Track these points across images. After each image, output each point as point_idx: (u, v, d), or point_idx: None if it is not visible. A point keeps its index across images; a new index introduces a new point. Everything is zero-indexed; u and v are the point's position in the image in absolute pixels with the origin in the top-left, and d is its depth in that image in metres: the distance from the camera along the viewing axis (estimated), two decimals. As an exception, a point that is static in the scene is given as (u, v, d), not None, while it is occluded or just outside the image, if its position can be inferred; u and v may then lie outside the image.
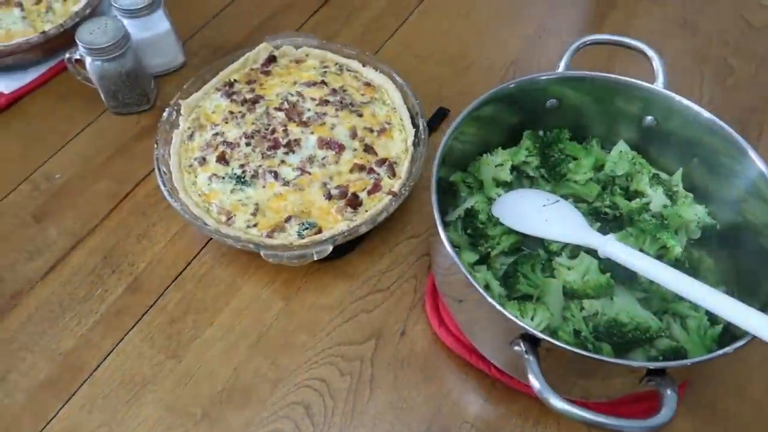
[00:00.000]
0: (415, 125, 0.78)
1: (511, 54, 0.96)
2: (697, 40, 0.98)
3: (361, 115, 0.79)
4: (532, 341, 0.53)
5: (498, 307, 0.52)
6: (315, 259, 0.67)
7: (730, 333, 0.58)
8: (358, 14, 1.01)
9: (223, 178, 0.74)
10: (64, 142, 0.85)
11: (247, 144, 0.76)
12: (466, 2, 1.03)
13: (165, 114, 0.79)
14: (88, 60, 0.81)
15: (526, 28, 1.00)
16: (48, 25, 0.90)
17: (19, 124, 0.87)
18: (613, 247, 0.59)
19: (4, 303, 0.71)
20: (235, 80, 0.83)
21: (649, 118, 0.70)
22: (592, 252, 0.63)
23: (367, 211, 0.71)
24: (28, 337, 0.69)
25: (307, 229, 0.70)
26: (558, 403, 0.49)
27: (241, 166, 0.74)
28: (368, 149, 0.76)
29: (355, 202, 0.72)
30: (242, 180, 0.73)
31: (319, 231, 0.70)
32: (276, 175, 0.73)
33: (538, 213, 0.66)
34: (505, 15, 1.02)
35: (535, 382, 0.50)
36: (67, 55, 0.82)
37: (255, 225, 0.70)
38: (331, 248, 0.67)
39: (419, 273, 0.74)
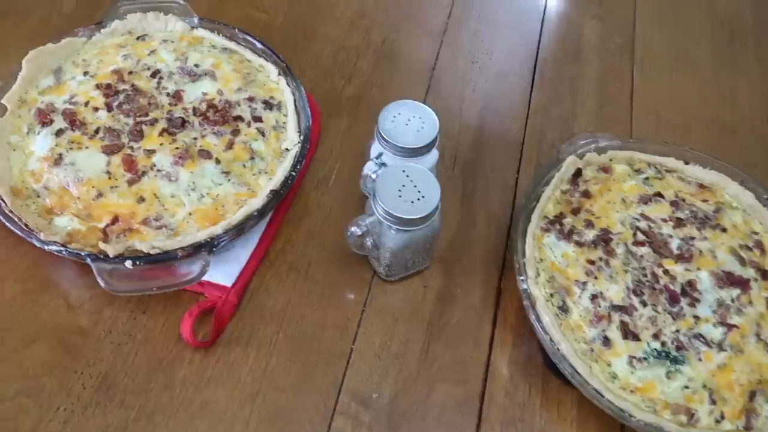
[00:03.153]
0: (789, 230, 0.66)
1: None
2: None
3: (725, 230, 0.65)
4: None
5: None
6: (830, 445, 0.54)
7: None
8: (573, 88, 0.85)
9: (645, 359, 0.57)
10: (348, 340, 0.61)
11: (642, 303, 0.59)
12: (673, 49, 0.91)
13: (525, 285, 0.59)
14: (385, 227, 0.58)
15: (747, 64, 0.90)
16: (263, 177, 0.64)
17: (272, 326, 0.61)
18: None
19: None
20: (561, 213, 0.65)
21: None
22: None
23: (815, 357, 0.59)
24: None
25: (781, 403, 0.56)
26: None
27: (654, 336, 0.58)
28: (765, 275, 0.63)
29: (802, 351, 0.59)
30: (669, 356, 0.57)
31: (791, 401, 0.56)
32: (704, 339, 0.58)
33: None
34: (718, 54, 0.91)
35: None
36: (353, 229, 0.59)
37: (722, 416, 0.55)
38: (838, 425, 0.54)
39: None
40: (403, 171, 0.58)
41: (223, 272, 0.63)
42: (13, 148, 0.63)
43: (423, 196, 0.57)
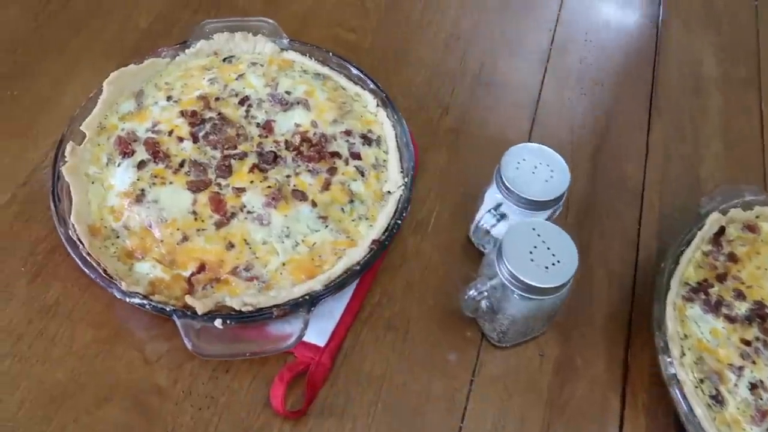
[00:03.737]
0: None
1: None
2: None
3: None
4: None
5: None
6: None
7: None
8: (695, 124, 0.75)
9: (821, 467, 0.48)
10: (456, 416, 0.53)
11: (812, 396, 0.51)
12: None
13: (672, 370, 0.50)
14: (508, 292, 0.51)
15: None
16: (363, 224, 0.57)
17: (369, 394, 0.54)
18: None
19: None
20: (705, 279, 0.56)
21: None
22: None
23: None
24: None
25: None
26: None
27: (829, 438, 0.49)
28: None
29: None
30: None
31: None
32: None
33: None
34: None
35: None
36: (471, 293, 0.51)
37: None
38: None
39: None
40: (533, 229, 0.50)
41: (315, 329, 0.55)
42: (92, 180, 0.58)
43: (558, 261, 0.49)
